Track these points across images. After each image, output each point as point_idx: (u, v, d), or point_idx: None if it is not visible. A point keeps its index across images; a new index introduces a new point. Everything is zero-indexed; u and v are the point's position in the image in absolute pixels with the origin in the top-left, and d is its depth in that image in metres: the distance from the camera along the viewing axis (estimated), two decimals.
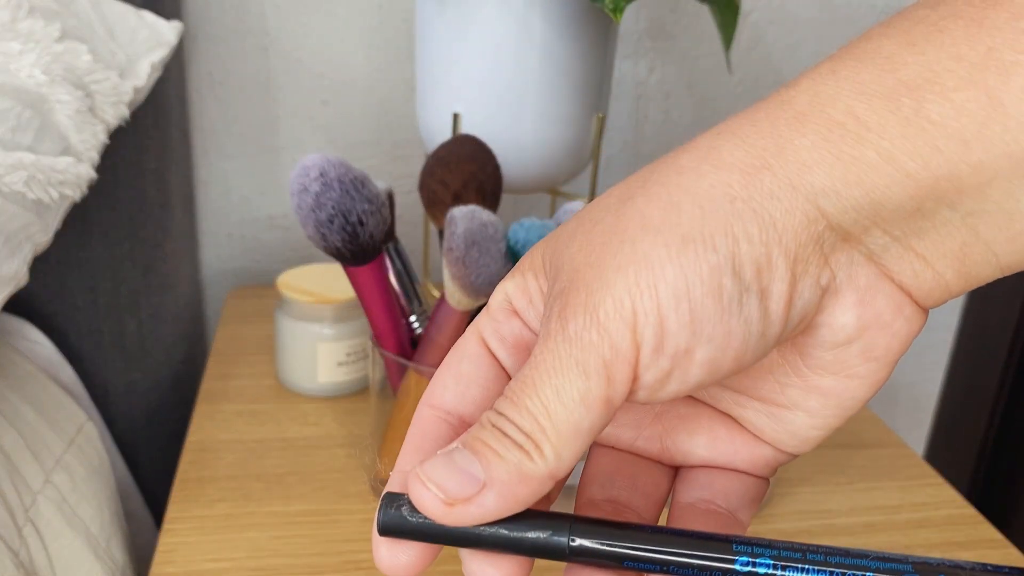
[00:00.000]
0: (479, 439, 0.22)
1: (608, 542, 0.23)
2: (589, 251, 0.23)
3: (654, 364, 0.22)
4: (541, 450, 0.22)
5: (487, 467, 0.22)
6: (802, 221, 0.22)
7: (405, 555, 0.23)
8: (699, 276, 0.21)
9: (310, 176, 0.47)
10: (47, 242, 0.55)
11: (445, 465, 0.22)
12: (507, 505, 0.22)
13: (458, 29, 0.61)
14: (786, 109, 0.22)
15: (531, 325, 0.26)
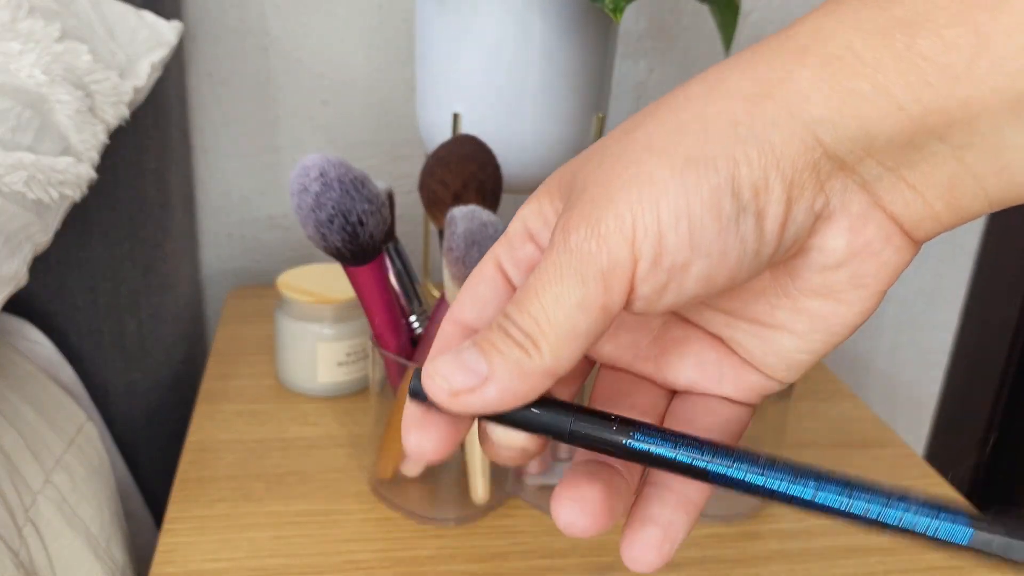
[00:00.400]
0: (486, 338, 0.24)
1: (600, 428, 0.25)
2: (598, 172, 0.24)
3: (651, 277, 0.23)
4: (539, 348, 0.23)
5: (489, 363, 0.24)
6: (799, 148, 0.23)
7: (430, 441, 0.25)
8: (699, 195, 0.23)
9: (310, 176, 0.47)
10: (47, 242, 0.55)
11: (453, 360, 0.24)
12: (506, 398, 0.24)
13: (458, 29, 0.61)
14: (789, 43, 0.24)
15: (544, 246, 0.27)
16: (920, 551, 0.57)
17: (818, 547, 0.56)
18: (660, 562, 0.26)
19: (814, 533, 0.58)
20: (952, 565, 0.56)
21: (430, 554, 0.54)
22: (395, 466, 0.57)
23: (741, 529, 0.58)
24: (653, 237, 0.23)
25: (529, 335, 0.23)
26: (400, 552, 0.54)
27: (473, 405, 0.24)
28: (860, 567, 0.55)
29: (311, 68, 0.85)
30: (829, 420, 0.71)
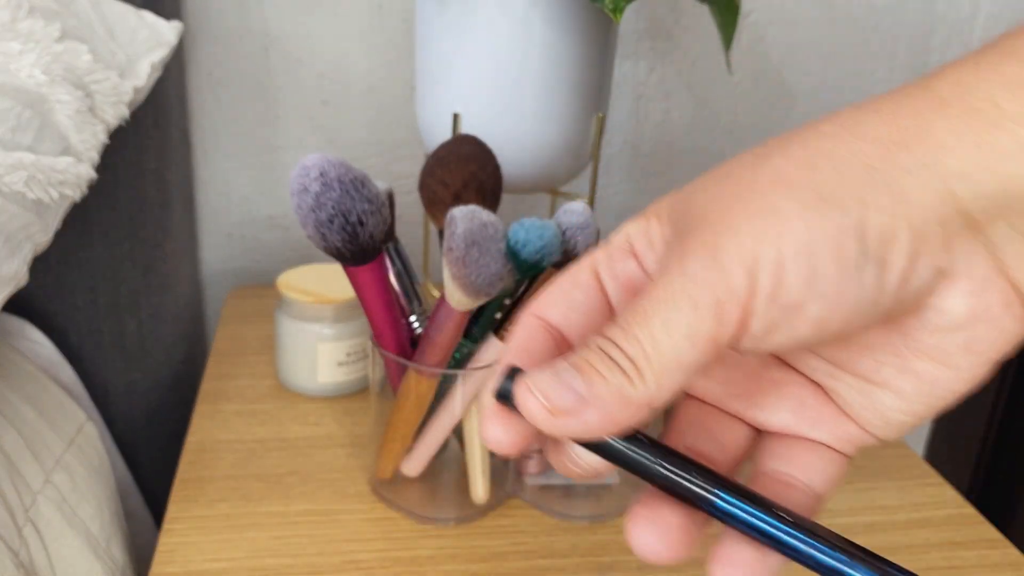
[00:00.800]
0: (585, 359, 0.23)
1: (687, 479, 0.25)
2: (719, 200, 0.24)
3: (765, 313, 0.23)
4: (643, 377, 0.23)
5: (590, 386, 0.23)
6: (933, 200, 0.22)
7: (509, 436, 0.25)
8: (825, 234, 0.22)
9: (310, 176, 0.47)
10: (47, 242, 0.55)
11: (551, 377, 0.23)
12: (605, 425, 0.23)
13: (458, 29, 0.61)
14: (929, 94, 0.23)
15: (647, 267, 0.27)
16: (921, 552, 0.57)
17: None
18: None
19: None
20: (951, 565, 0.56)
21: (430, 554, 0.54)
22: (395, 466, 0.57)
23: None
24: (773, 271, 0.22)
25: (633, 361, 0.23)
26: (400, 552, 0.54)
27: (570, 428, 0.23)
28: None
29: (311, 68, 0.85)
30: None
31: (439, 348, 0.51)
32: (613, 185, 0.94)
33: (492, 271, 0.46)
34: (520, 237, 0.47)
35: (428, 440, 0.56)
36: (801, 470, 0.27)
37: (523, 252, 0.47)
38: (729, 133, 0.94)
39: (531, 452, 0.59)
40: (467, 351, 0.54)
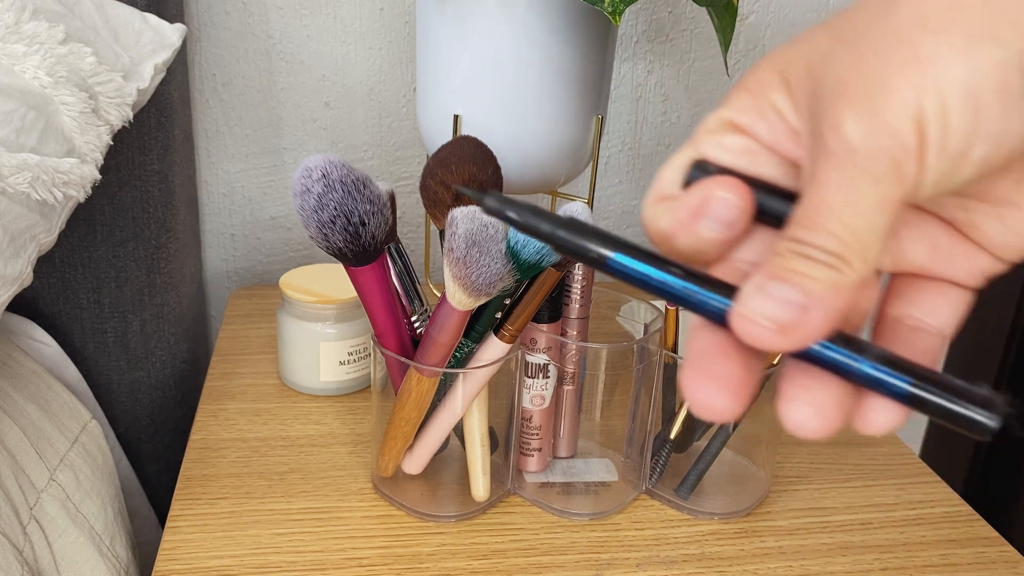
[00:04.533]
0: (787, 268, 0.23)
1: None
2: (859, 60, 0.23)
3: (936, 165, 0.22)
4: (850, 263, 0.23)
5: (804, 290, 0.23)
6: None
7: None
8: (985, 73, 0.22)
9: (312, 177, 0.47)
10: (51, 242, 0.56)
11: (764, 298, 0.23)
12: (830, 318, 0.23)
13: (459, 31, 0.62)
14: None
15: (761, 137, 0.26)
16: (918, 550, 0.57)
17: (814, 545, 0.57)
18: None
19: (811, 531, 0.58)
20: (948, 563, 0.56)
21: (431, 551, 0.54)
22: (396, 464, 0.57)
23: (738, 527, 0.58)
24: (939, 120, 0.22)
25: (835, 252, 0.23)
26: (401, 549, 0.54)
27: (801, 337, 0.23)
28: (856, 564, 0.55)
29: (313, 70, 0.86)
30: None
31: (440, 347, 0.51)
32: (612, 186, 0.95)
33: (493, 271, 0.47)
34: (520, 237, 0.47)
35: (429, 438, 0.56)
36: (931, 314, 0.27)
37: (523, 252, 0.48)
38: None
39: (530, 450, 0.60)
40: (468, 350, 0.54)
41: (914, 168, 0.22)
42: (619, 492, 0.60)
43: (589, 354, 0.59)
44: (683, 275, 0.25)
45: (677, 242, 0.26)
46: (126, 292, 0.74)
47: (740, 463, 0.62)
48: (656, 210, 0.27)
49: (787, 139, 0.26)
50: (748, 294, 0.23)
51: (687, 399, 0.25)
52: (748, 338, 0.23)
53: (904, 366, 0.24)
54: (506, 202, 0.26)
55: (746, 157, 0.27)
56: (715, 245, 0.26)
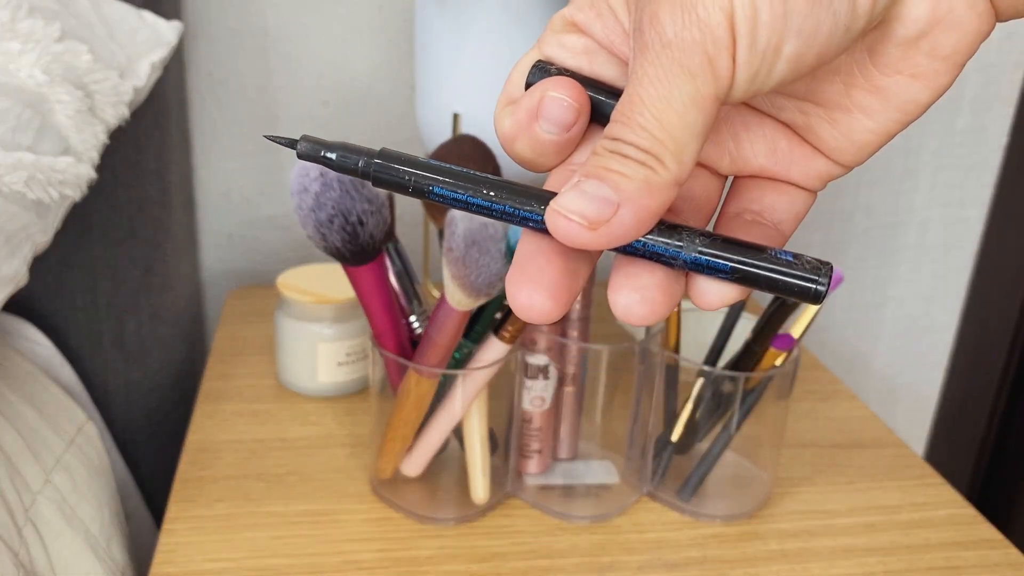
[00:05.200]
0: (600, 166, 0.23)
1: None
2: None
3: (748, 61, 0.22)
4: (662, 161, 0.23)
5: (616, 188, 0.23)
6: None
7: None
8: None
9: (310, 176, 0.47)
10: (47, 242, 0.55)
11: (578, 195, 0.23)
12: (643, 217, 0.23)
13: (458, 29, 0.61)
14: None
15: (597, 36, 0.27)
16: (922, 552, 0.57)
17: (817, 547, 0.56)
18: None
19: (814, 533, 0.58)
20: (952, 565, 0.56)
21: (430, 554, 0.54)
22: (395, 466, 0.57)
23: (741, 529, 0.58)
24: (750, 13, 0.22)
25: (648, 150, 0.23)
26: (400, 552, 0.54)
27: (612, 235, 0.23)
28: (860, 567, 0.55)
29: (311, 68, 0.85)
30: (829, 420, 0.71)
31: (439, 348, 0.51)
32: None
33: (492, 271, 0.46)
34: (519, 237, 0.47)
35: (428, 440, 0.56)
36: (770, 210, 0.27)
37: None
38: None
39: (530, 452, 0.59)
40: (467, 351, 0.54)
41: (727, 63, 0.22)
42: (620, 494, 0.60)
43: (590, 355, 0.58)
44: (499, 195, 0.25)
45: (517, 146, 0.27)
46: (122, 292, 0.73)
47: (743, 465, 0.62)
48: (501, 114, 0.27)
49: (620, 38, 0.26)
50: (563, 192, 0.23)
51: (509, 301, 0.25)
52: (559, 234, 0.23)
53: (727, 245, 0.24)
54: (319, 144, 0.25)
55: (586, 57, 0.27)
56: (553, 148, 0.26)
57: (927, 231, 1.03)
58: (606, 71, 0.27)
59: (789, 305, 0.53)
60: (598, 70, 0.27)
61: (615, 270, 0.25)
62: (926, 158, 0.99)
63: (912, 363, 1.09)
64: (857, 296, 1.04)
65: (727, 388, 0.56)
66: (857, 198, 1.00)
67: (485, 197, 0.25)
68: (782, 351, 0.55)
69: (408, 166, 0.25)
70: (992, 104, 0.98)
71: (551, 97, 0.26)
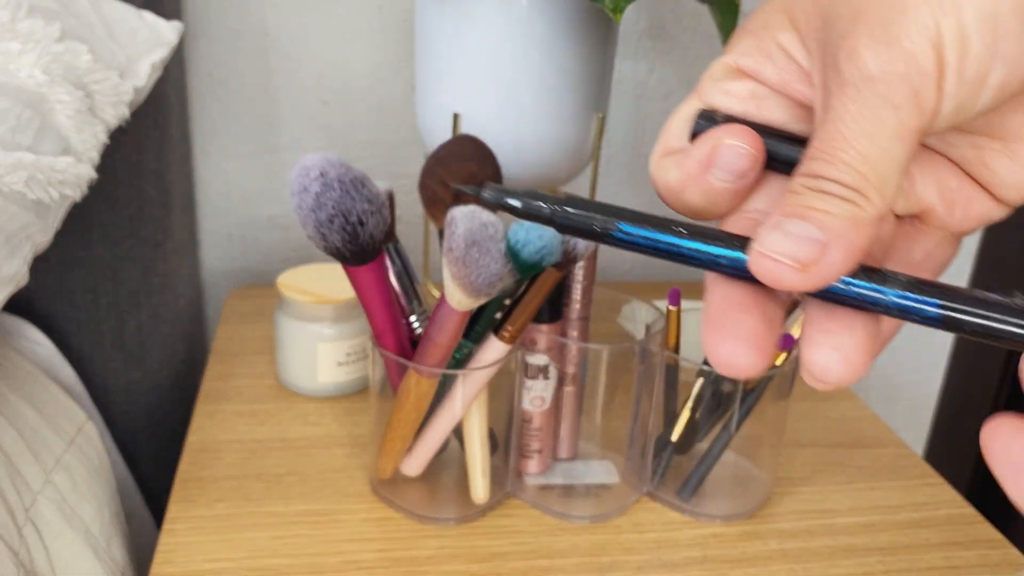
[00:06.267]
0: (803, 205, 0.22)
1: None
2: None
3: (955, 91, 0.22)
4: (867, 196, 0.22)
5: (823, 227, 0.22)
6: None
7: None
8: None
9: (310, 176, 0.47)
10: (47, 242, 0.55)
11: (783, 236, 0.22)
12: (851, 255, 0.22)
13: (458, 29, 0.61)
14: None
15: (768, 80, 0.26)
16: (921, 552, 0.57)
17: (817, 547, 0.56)
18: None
19: (814, 533, 0.58)
20: (951, 565, 0.56)
21: (430, 554, 0.54)
22: (395, 466, 0.57)
23: (741, 529, 0.58)
24: (958, 43, 0.21)
25: (852, 186, 0.22)
26: (400, 552, 0.54)
27: (824, 274, 0.22)
28: (859, 567, 0.55)
29: (311, 68, 0.85)
30: (829, 420, 0.71)
31: (439, 348, 0.51)
32: (613, 184, 0.94)
33: (492, 271, 0.46)
34: (520, 237, 0.47)
35: (428, 440, 0.56)
36: (927, 258, 0.27)
37: (523, 252, 0.47)
38: None
39: (530, 452, 0.59)
40: (467, 351, 0.54)
41: (933, 94, 0.22)
42: (620, 494, 0.60)
43: (590, 355, 0.58)
44: (691, 234, 0.24)
45: (687, 196, 0.26)
46: (122, 292, 0.73)
47: (742, 465, 0.62)
48: (663, 164, 0.26)
49: (796, 79, 0.26)
50: (765, 233, 0.23)
51: (708, 357, 0.24)
52: (767, 277, 0.23)
53: (932, 289, 0.23)
54: (504, 191, 0.25)
55: (753, 102, 0.26)
56: (726, 196, 0.26)
57: None
58: (775, 115, 0.26)
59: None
60: (767, 114, 0.26)
61: (810, 323, 0.24)
62: None
63: (912, 363, 1.09)
64: None
65: (727, 388, 0.56)
66: None
67: (676, 234, 0.24)
68: (782, 351, 0.55)
69: (597, 212, 0.25)
70: None
71: (727, 145, 0.25)
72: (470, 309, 0.50)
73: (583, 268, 0.57)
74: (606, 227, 0.25)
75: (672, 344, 0.58)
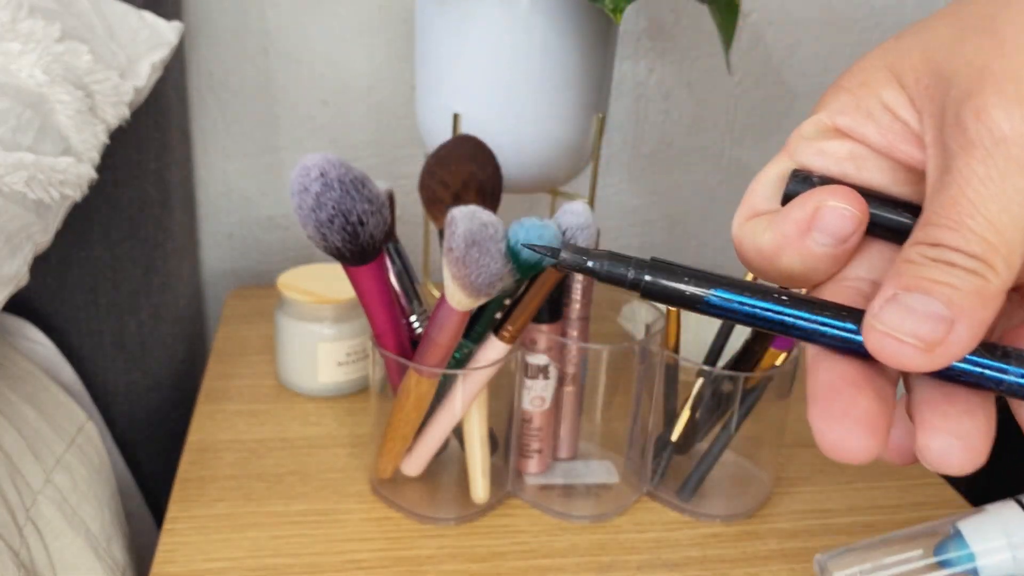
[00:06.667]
0: (925, 278, 0.21)
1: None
2: (1000, 44, 0.21)
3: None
4: (995, 268, 0.21)
5: (948, 302, 0.20)
6: None
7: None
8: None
9: (310, 176, 0.47)
10: (48, 242, 0.56)
11: (905, 312, 0.21)
12: (978, 331, 0.21)
13: (458, 29, 0.61)
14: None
15: (870, 140, 0.25)
16: None
17: (817, 547, 0.57)
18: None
19: (814, 533, 0.58)
20: None
21: (430, 553, 0.54)
22: (395, 466, 0.57)
23: (741, 529, 0.58)
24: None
25: (979, 256, 0.20)
26: (400, 552, 0.54)
27: (950, 353, 0.21)
28: None
29: (311, 68, 0.85)
30: None
31: (439, 348, 0.51)
32: (613, 185, 0.94)
33: (492, 271, 0.46)
34: (520, 237, 0.47)
35: (428, 440, 0.56)
36: (1020, 320, 0.25)
37: (523, 252, 0.47)
38: (729, 133, 0.94)
39: (530, 452, 0.59)
40: (467, 351, 0.54)
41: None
42: (620, 494, 0.60)
43: (590, 355, 0.58)
44: (794, 303, 0.23)
45: (781, 261, 0.24)
46: (123, 292, 0.73)
47: (742, 465, 0.62)
48: (753, 227, 0.25)
49: (902, 140, 0.24)
50: (883, 308, 0.21)
51: (819, 440, 0.22)
52: (888, 358, 0.21)
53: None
54: (583, 252, 0.24)
55: (852, 163, 0.25)
56: (826, 262, 0.24)
57: None
58: (876, 177, 0.25)
59: None
60: (867, 176, 0.25)
61: (924, 406, 0.23)
62: None
63: None
64: None
65: (727, 388, 0.57)
66: None
67: (779, 302, 0.23)
68: (782, 351, 0.55)
69: (686, 279, 0.23)
70: None
71: (830, 207, 0.23)
72: (470, 309, 0.50)
73: None
74: (698, 294, 0.23)
75: (672, 344, 0.58)
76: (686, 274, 0.23)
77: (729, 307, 0.23)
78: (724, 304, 0.23)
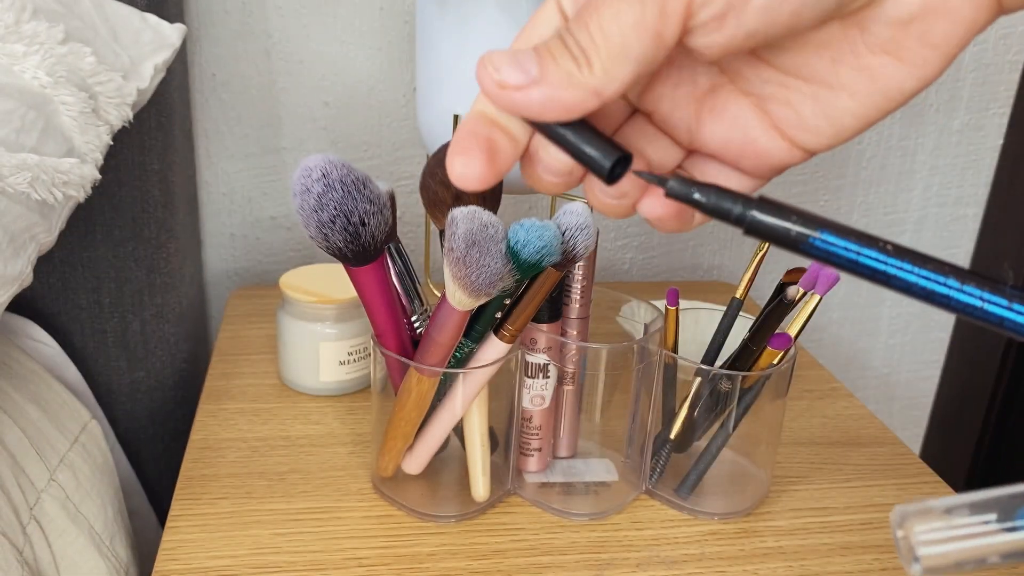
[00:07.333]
0: (544, 46, 0.25)
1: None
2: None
3: (709, 2, 0.23)
4: (591, 64, 0.24)
5: (542, 67, 0.24)
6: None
7: (472, 166, 0.26)
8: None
9: (312, 177, 0.47)
10: (51, 242, 0.56)
11: (509, 56, 0.25)
12: (549, 104, 0.24)
13: (459, 30, 0.62)
14: None
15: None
16: None
17: (815, 544, 0.57)
18: None
19: (812, 531, 0.58)
20: None
21: (431, 551, 0.54)
22: (396, 464, 0.57)
23: (738, 527, 0.58)
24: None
25: (584, 49, 0.24)
26: (401, 549, 0.54)
27: (517, 103, 0.24)
28: (856, 564, 0.55)
29: (313, 70, 0.86)
30: (826, 418, 0.71)
31: (440, 347, 0.51)
32: None
33: (492, 271, 0.47)
34: (520, 237, 0.47)
35: (429, 438, 0.56)
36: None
37: (523, 252, 0.47)
38: None
39: (530, 450, 0.60)
40: (468, 350, 0.54)
41: (678, 6, 0.23)
42: (619, 492, 0.60)
43: (589, 354, 0.59)
44: (899, 253, 0.23)
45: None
46: (126, 292, 0.74)
47: (740, 463, 0.62)
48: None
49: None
50: (507, 50, 0.25)
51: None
52: (479, 76, 0.25)
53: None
54: (691, 184, 0.25)
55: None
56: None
57: (923, 230, 1.03)
58: None
59: (786, 305, 0.54)
60: None
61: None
62: (923, 157, 1.00)
63: (908, 361, 1.10)
64: (853, 295, 1.05)
65: (725, 387, 0.57)
66: (854, 197, 1.00)
67: (883, 251, 0.22)
68: (779, 350, 0.55)
69: (793, 218, 0.23)
70: (988, 104, 0.99)
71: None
72: (471, 309, 0.50)
73: (582, 268, 0.57)
74: (803, 234, 0.23)
75: (671, 343, 0.58)
76: (794, 213, 0.24)
77: (832, 251, 0.23)
78: (827, 247, 0.23)
